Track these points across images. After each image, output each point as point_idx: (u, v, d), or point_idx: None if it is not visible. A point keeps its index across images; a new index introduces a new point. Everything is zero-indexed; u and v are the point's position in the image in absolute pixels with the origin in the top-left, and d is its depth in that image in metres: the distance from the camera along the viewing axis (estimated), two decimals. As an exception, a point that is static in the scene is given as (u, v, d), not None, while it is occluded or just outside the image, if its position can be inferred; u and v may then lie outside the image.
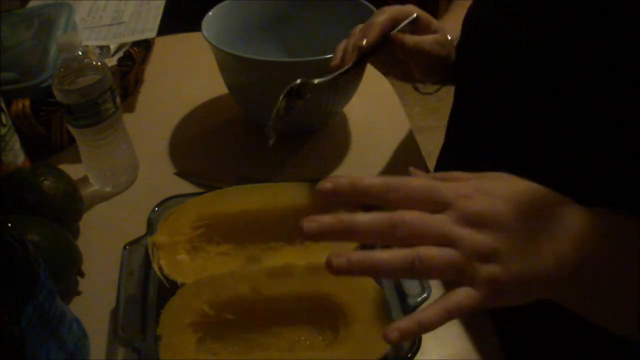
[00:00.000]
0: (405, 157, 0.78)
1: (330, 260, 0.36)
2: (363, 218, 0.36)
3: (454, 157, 0.69)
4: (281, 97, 0.57)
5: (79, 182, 0.71)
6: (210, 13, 0.79)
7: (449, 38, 0.63)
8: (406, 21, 0.59)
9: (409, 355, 0.47)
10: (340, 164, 0.77)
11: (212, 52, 0.75)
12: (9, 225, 0.42)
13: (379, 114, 0.87)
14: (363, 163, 0.77)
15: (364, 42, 0.57)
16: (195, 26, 0.79)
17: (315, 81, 0.58)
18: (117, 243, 0.58)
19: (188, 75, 0.97)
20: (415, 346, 0.47)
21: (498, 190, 0.38)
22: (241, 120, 0.85)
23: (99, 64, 0.65)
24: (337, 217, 0.36)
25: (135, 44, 0.86)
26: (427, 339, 0.51)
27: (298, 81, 0.57)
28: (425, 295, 0.51)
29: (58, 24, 0.81)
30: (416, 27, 0.60)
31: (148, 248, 0.56)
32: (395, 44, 0.58)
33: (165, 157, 0.79)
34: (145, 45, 0.87)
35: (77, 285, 0.61)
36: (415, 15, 0.60)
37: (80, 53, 0.63)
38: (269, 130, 0.58)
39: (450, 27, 0.64)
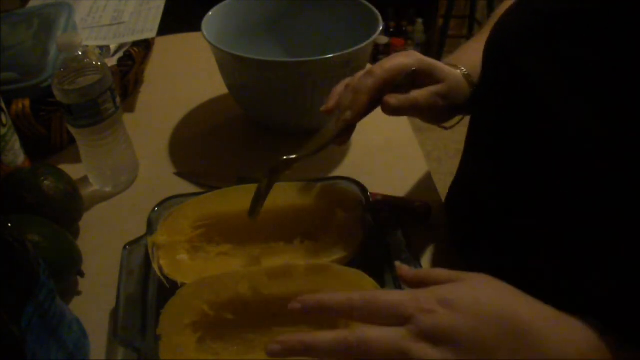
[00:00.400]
0: (405, 157, 0.78)
1: (266, 347, 0.39)
2: (324, 339, 0.38)
3: (467, 183, 0.66)
4: (263, 177, 0.55)
5: (79, 182, 0.71)
6: (210, 13, 0.79)
7: (461, 78, 0.59)
8: (400, 79, 0.54)
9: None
10: (340, 164, 0.77)
11: (212, 52, 0.75)
12: (9, 225, 0.42)
13: (379, 114, 0.86)
14: (363, 163, 0.77)
15: (349, 115, 0.54)
16: (195, 26, 0.79)
17: (296, 156, 0.55)
18: (117, 243, 0.58)
19: (188, 75, 0.97)
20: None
21: (463, 302, 0.38)
22: (241, 120, 0.85)
23: (99, 64, 0.65)
24: (299, 339, 0.39)
25: (135, 44, 0.86)
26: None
27: (280, 160, 0.55)
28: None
29: (58, 24, 0.81)
30: (418, 76, 0.56)
31: (148, 248, 0.56)
32: (386, 109, 0.54)
33: (165, 157, 0.79)
34: (145, 45, 0.87)
35: (77, 285, 0.61)
36: (411, 70, 0.55)
37: (80, 53, 0.63)
38: (253, 210, 0.56)
39: (468, 60, 0.61)
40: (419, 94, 0.55)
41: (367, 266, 0.56)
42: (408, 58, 0.55)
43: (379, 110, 0.60)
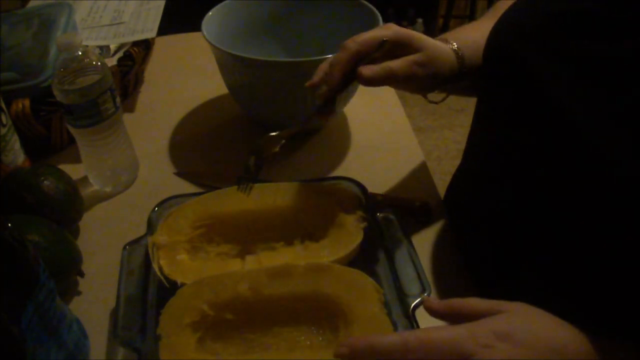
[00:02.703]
0: (405, 157, 0.78)
1: (335, 352, 0.39)
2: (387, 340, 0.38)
3: (469, 182, 0.66)
4: (248, 155, 0.57)
5: (79, 182, 0.71)
6: (210, 13, 0.79)
7: (445, 49, 0.59)
8: (373, 51, 0.55)
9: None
10: (340, 164, 0.77)
11: (212, 52, 0.75)
12: (9, 225, 0.42)
13: (379, 114, 0.87)
14: (363, 163, 0.77)
15: (323, 88, 0.55)
16: (195, 26, 0.79)
17: (276, 134, 0.57)
18: (117, 243, 0.58)
19: (188, 75, 0.97)
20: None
21: (517, 334, 0.38)
22: (241, 120, 0.85)
23: (99, 64, 0.65)
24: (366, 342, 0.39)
25: (135, 44, 0.86)
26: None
27: (262, 138, 0.56)
28: (425, 295, 0.51)
29: (58, 24, 0.81)
30: (395, 47, 0.56)
31: (148, 248, 0.56)
32: (361, 81, 0.54)
33: (165, 157, 0.79)
34: (145, 45, 0.87)
35: (77, 285, 0.61)
36: (382, 41, 0.55)
37: (80, 53, 0.63)
38: (243, 185, 0.58)
39: (460, 37, 0.61)
40: (394, 64, 0.55)
41: (367, 266, 0.56)
42: (383, 30, 0.56)
43: (378, 110, 0.60)
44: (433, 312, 0.42)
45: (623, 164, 0.40)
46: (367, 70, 0.54)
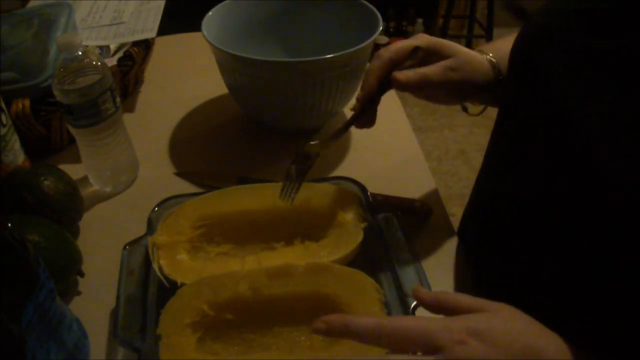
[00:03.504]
0: (405, 157, 0.78)
1: (313, 327, 0.40)
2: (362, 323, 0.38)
3: (483, 205, 0.64)
4: (290, 164, 0.59)
5: (79, 182, 0.71)
6: (210, 13, 0.79)
7: (479, 58, 0.59)
8: (407, 60, 0.57)
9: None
10: (340, 164, 0.77)
11: (212, 52, 0.75)
12: (9, 225, 0.42)
13: (379, 114, 0.86)
14: (363, 163, 0.77)
15: (360, 94, 0.58)
16: (195, 26, 0.79)
17: (316, 142, 0.59)
18: (117, 243, 0.58)
19: (188, 75, 0.97)
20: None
21: (494, 334, 0.38)
22: (241, 120, 0.85)
23: (99, 64, 0.65)
24: (342, 320, 0.39)
25: (135, 44, 0.86)
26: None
27: (305, 145, 0.59)
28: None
29: (58, 24, 0.81)
30: (427, 55, 0.58)
31: (148, 248, 0.56)
32: (397, 86, 0.56)
33: (165, 157, 0.79)
34: (145, 45, 0.87)
35: (77, 285, 0.61)
36: (414, 46, 0.57)
37: (80, 53, 0.63)
38: (287, 195, 0.59)
39: (498, 49, 0.61)
40: (427, 69, 0.57)
41: (367, 266, 0.56)
42: (415, 39, 0.58)
43: (379, 110, 0.60)
44: (420, 301, 0.42)
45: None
46: (401, 75, 0.56)
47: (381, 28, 0.75)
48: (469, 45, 3.00)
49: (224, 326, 0.52)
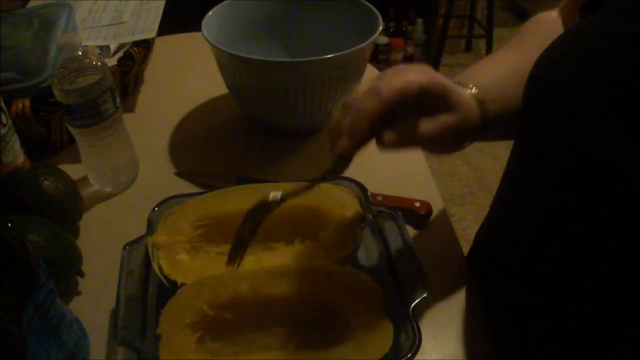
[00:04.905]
0: (405, 157, 0.78)
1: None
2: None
3: (496, 234, 0.59)
4: (243, 222, 0.50)
5: (79, 182, 0.71)
6: (210, 13, 0.79)
7: (470, 100, 0.50)
8: (408, 103, 0.46)
9: (409, 356, 0.47)
10: (340, 164, 0.77)
11: (212, 52, 0.75)
12: (9, 225, 0.42)
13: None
14: (363, 163, 0.77)
15: (345, 143, 0.46)
16: (195, 26, 0.79)
17: (280, 195, 0.50)
18: (117, 243, 0.58)
19: (188, 75, 0.97)
20: (415, 346, 0.47)
21: None
22: (241, 120, 0.85)
23: (99, 64, 0.65)
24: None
25: (135, 44, 0.86)
26: (427, 340, 0.51)
27: (262, 201, 0.50)
28: (425, 295, 0.51)
29: (58, 24, 0.81)
30: (427, 97, 0.47)
31: (148, 248, 0.56)
32: (381, 145, 0.48)
33: (165, 157, 0.79)
34: (145, 45, 0.87)
35: (77, 285, 0.61)
36: (421, 87, 0.46)
37: (80, 53, 0.63)
38: (232, 259, 0.52)
39: (481, 77, 0.54)
40: (449, 119, 0.48)
41: (367, 266, 0.56)
42: (419, 75, 0.46)
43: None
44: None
45: None
46: (389, 136, 0.47)
47: (381, 28, 0.75)
48: (469, 45, 3.00)
49: (224, 326, 0.52)
